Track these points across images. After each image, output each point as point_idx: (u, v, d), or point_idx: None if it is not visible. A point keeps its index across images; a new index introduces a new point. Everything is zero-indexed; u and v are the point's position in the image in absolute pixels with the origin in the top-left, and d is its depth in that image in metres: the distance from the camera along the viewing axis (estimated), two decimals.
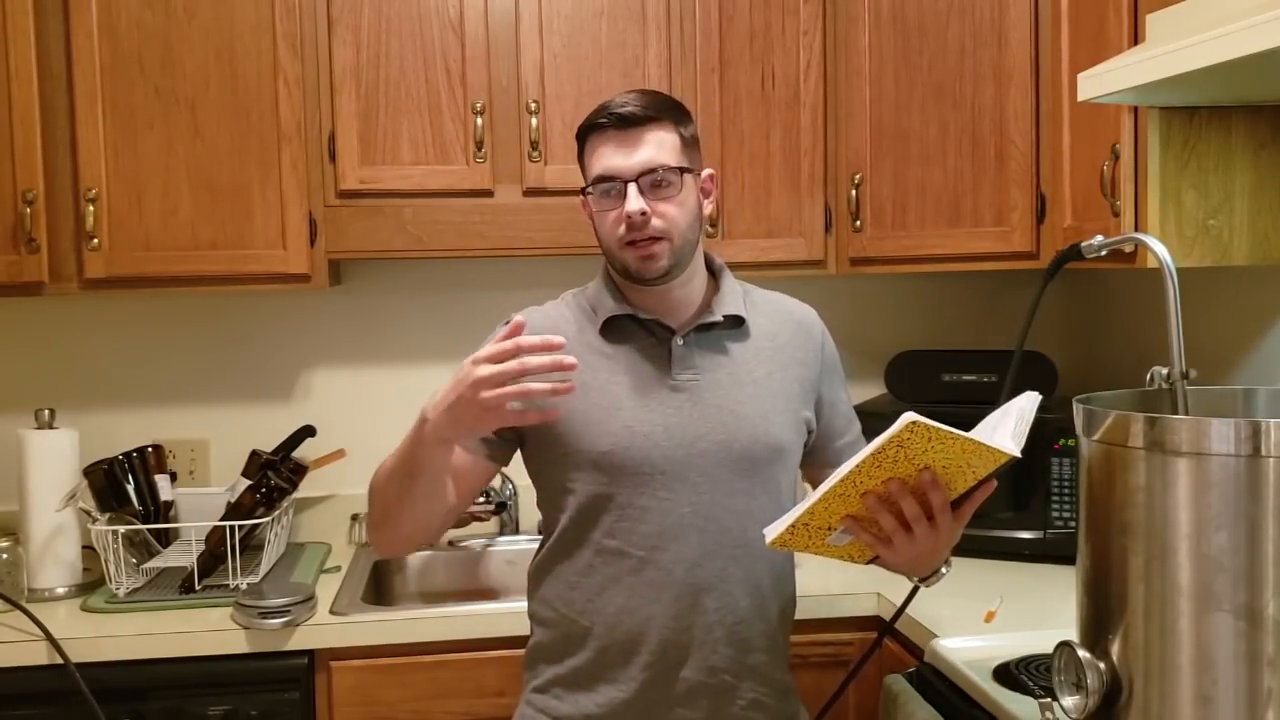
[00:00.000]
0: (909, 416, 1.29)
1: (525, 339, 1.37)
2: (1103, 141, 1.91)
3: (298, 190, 2.33)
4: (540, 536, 1.72)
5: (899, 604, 1.77)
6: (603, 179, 1.57)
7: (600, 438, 1.58)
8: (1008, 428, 1.37)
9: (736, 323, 1.67)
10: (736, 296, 1.69)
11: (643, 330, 1.65)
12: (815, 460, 1.75)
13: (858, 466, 1.32)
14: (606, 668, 1.60)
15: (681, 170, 1.59)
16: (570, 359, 1.38)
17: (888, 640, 2.04)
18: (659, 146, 1.58)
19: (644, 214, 1.55)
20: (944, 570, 1.56)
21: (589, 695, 1.62)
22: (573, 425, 1.60)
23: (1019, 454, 1.32)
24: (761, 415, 1.64)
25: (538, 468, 1.67)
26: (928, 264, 2.42)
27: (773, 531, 1.38)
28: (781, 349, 1.70)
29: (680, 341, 1.63)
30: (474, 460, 1.62)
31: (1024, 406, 1.41)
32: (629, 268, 1.60)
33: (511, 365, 1.36)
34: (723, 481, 1.61)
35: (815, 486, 1.64)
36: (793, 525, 1.37)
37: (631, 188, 1.55)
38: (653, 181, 1.56)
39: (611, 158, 1.57)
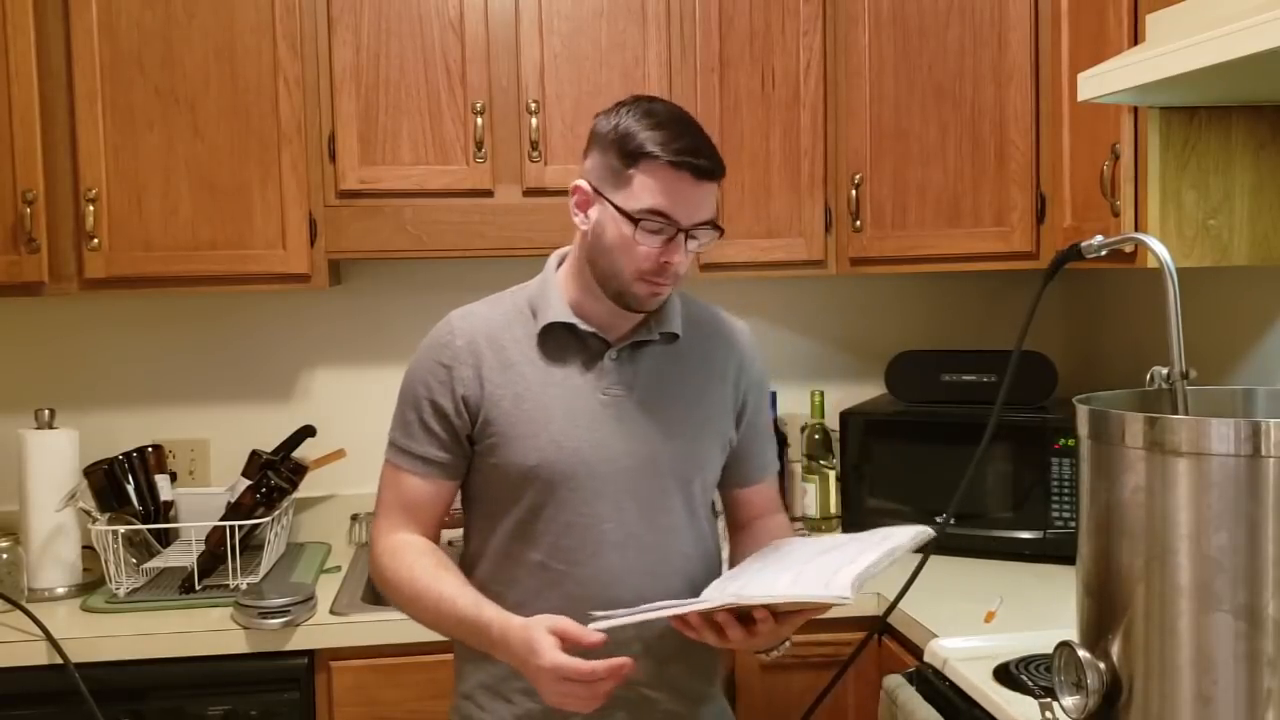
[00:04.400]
0: (734, 599, 1.40)
1: (605, 670, 1.41)
2: (1103, 141, 1.91)
3: (298, 190, 2.33)
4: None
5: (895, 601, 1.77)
6: (661, 216, 1.53)
7: (529, 452, 1.58)
8: (864, 562, 1.42)
9: (670, 338, 1.66)
10: (676, 313, 1.67)
11: (578, 342, 1.63)
12: (727, 479, 1.75)
13: (691, 614, 1.43)
14: (523, 676, 1.57)
15: (720, 230, 1.60)
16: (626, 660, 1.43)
17: (888, 640, 2.04)
18: (712, 204, 1.58)
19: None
20: (783, 648, 1.60)
21: (508, 705, 1.61)
22: (503, 437, 1.59)
23: (850, 598, 1.35)
24: (688, 433, 1.64)
25: (468, 477, 1.66)
26: (928, 264, 2.42)
27: (603, 622, 1.43)
28: (712, 367, 1.70)
29: (613, 356, 1.62)
30: (436, 487, 1.63)
31: (901, 544, 1.48)
32: (635, 297, 1.57)
33: (581, 690, 1.42)
34: (645, 497, 1.61)
35: (726, 504, 1.77)
36: (624, 626, 1.44)
37: (681, 237, 1.54)
38: (699, 237, 1.56)
39: (678, 204, 1.53)
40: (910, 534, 1.50)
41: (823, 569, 1.43)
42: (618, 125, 1.56)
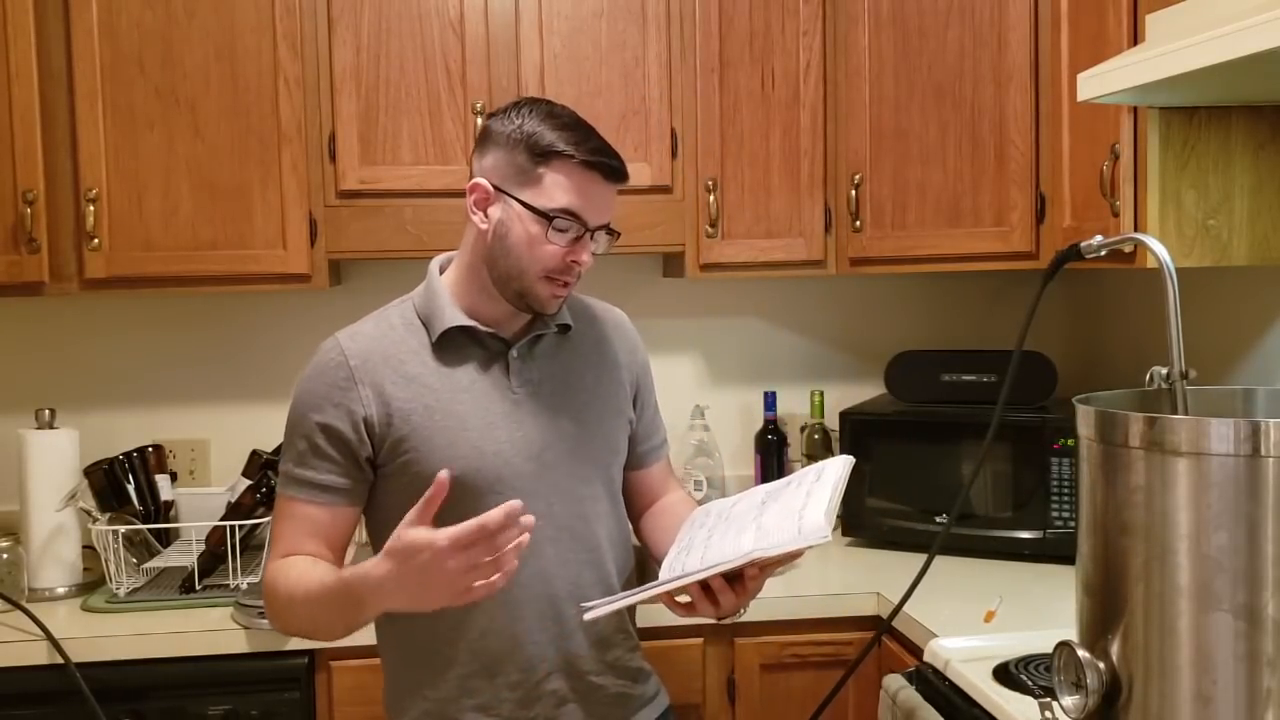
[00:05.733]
0: (751, 554, 1.38)
1: (491, 519, 1.29)
2: (1102, 141, 1.91)
3: (298, 190, 2.33)
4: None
5: (897, 603, 1.77)
6: (572, 215, 1.54)
7: (450, 461, 1.53)
8: (821, 500, 1.43)
9: (564, 329, 1.68)
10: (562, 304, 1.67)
11: (476, 344, 1.61)
12: (627, 464, 1.76)
13: (692, 587, 1.43)
14: (473, 693, 1.58)
15: (616, 234, 1.62)
16: (529, 518, 1.32)
17: (887, 640, 2.04)
18: (614, 208, 1.60)
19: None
20: (746, 609, 1.59)
21: None
22: (419, 451, 1.55)
23: (829, 537, 1.38)
24: (598, 419, 1.66)
25: (376, 498, 1.61)
26: (928, 264, 2.42)
27: (595, 610, 1.43)
28: (606, 352, 1.72)
29: (515, 354, 1.62)
30: (337, 515, 1.58)
31: (840, 477, 1.48)
32: (537, 298, 1.57)
33: (485, 556, 1.30)
34: (570, 489, 1.62)
35: (626, 489, 1.75)
36: (618, 610, 1.45)
37: (588, 236, 1.56)
38: (599, 241, 1.58)
39: (588, 203, 1.55)
40: (840, 464, 1.51)
41: (782, 519, 1.43)
42: (521, 125, 1.55)
